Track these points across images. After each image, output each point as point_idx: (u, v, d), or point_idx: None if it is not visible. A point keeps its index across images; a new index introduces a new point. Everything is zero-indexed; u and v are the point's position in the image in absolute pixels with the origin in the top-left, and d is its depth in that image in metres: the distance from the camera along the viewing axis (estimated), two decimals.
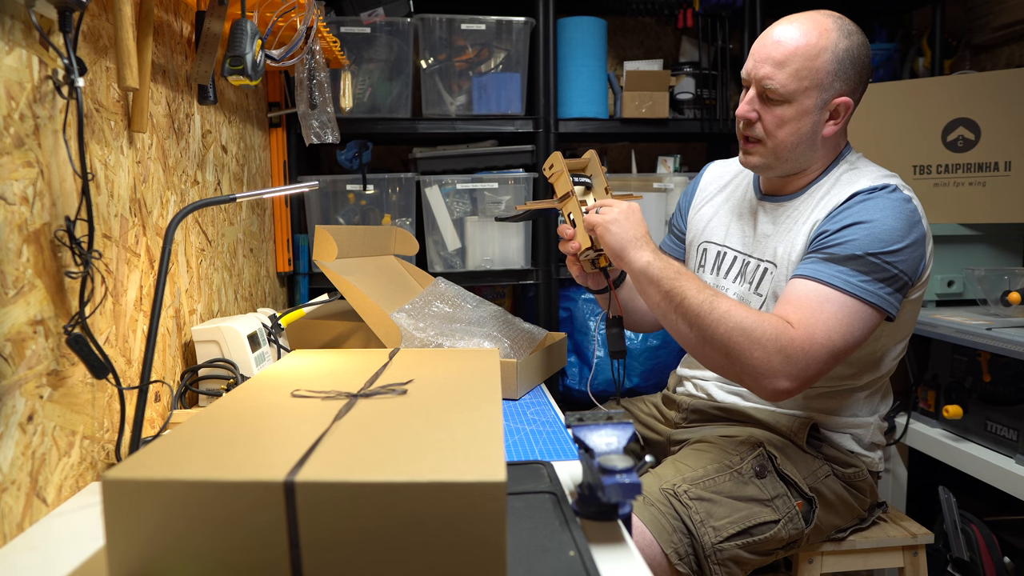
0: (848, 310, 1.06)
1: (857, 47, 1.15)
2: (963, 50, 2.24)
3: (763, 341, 1.04)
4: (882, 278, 1.07)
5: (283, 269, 1.87)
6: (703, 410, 1.34)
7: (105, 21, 0.94)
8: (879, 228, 1.08)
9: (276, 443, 0.60)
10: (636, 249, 1.14)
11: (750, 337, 1.04)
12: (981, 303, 1.70)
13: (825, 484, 1.22)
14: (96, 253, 0.85)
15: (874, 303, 1.07)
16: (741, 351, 1.04)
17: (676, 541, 1.07)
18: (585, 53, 2.02)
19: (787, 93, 1.14)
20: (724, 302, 1.07)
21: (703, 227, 1.39)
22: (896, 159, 1.82)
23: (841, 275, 1.07)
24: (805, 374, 1.05)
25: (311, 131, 1.54)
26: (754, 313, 1.06)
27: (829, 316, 1.05)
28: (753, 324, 1.04)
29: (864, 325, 1.07)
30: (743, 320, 1.05)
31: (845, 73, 1.14)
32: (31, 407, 0.76)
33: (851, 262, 1.07)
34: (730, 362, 1.07)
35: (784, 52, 1.13)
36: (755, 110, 1.18)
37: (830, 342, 1.05)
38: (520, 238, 2.02)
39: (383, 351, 1.01)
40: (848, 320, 1.06)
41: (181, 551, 0.52)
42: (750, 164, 1.23)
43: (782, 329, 1.04)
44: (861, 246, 1.08)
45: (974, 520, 1.51)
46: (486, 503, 0.51)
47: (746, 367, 1.05)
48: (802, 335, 1.04)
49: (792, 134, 1.16)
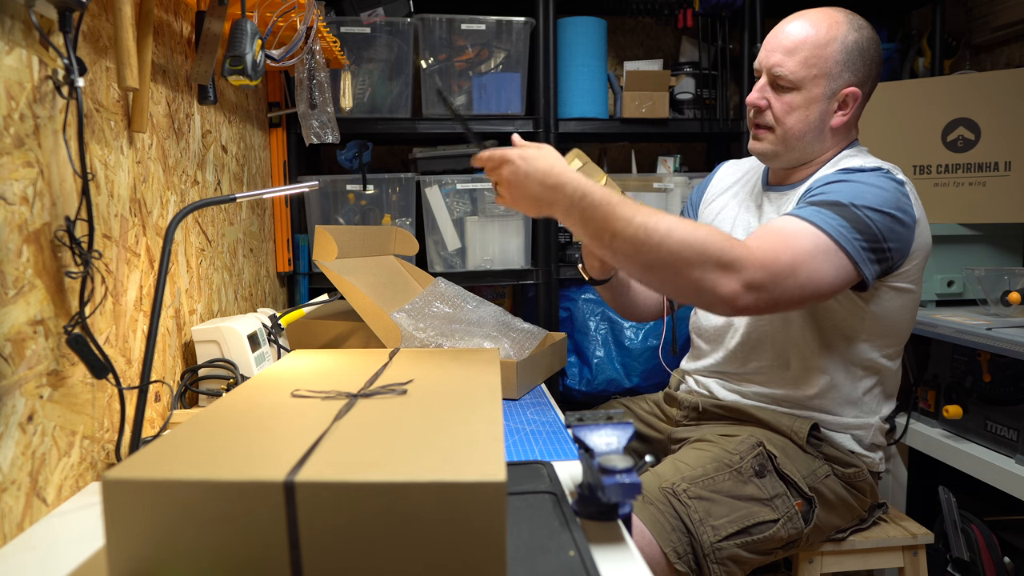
0: (821, 248, 1.01)
1: (867, 40, 1.18)
2: (963, 50, 2.24)
3: (710, 250, 0.96)
4: (860, 230, 1.04)
5: (283, 269, 1.87)
6: (704, 408, 1.34)
7: (105, 21, 0.94)
8: (864, 189, 1.08)
9: (276, 443, 0.60)
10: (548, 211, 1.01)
11: (695, 246, 0.96)
12: (981, 303, 1.69)
13: (825, 484, 1.22)
14: (96, 253, 0.85)
15: (848, 250, 1.03)
16: (684, 266, 0.96)
17: (675, 540, 1.07)
18: (585, 53, 2.02)
19: (796, 80, 1.17)
20: (664, 221, 0.97)
21: (712, 218, 1.42)
22: (896, 159, 1.79)
23: (820, 215, 1.04)
24: (766, 285, 0.98)
25: (311, 131, 1.54)
26: (702, 228, 0.98)
27: (799, 248, 1.00)
28: (700, 237, 0.96)
29: (834, 269, 1.02)
30: (687, 236, 0.96)
31: (854, 64, 1.17)
32: (31, 407, 0.76)
33: (833, 208, 1.05)
34: (678, 279, 0.98)
35: (794, 41, 1.17)
36: (765, 97, 1.21)
37: (793, 269, 0.99)
38: (520, 238, 2.02)
39: (383, 351, 1.02)
40: (818, 257, 1.01)
41: (181, 551, 0.52)
42: (757, 150, 1.25)
43: (732, 242, 0.98)
44: (844, 196, 1.06)
45: (974, 520, 1.51)
46: (486, 503, 0.51)
47: (691, 281, 0.97)
48: (757, 249, 0.99)
49: (800, 121, 1.19)
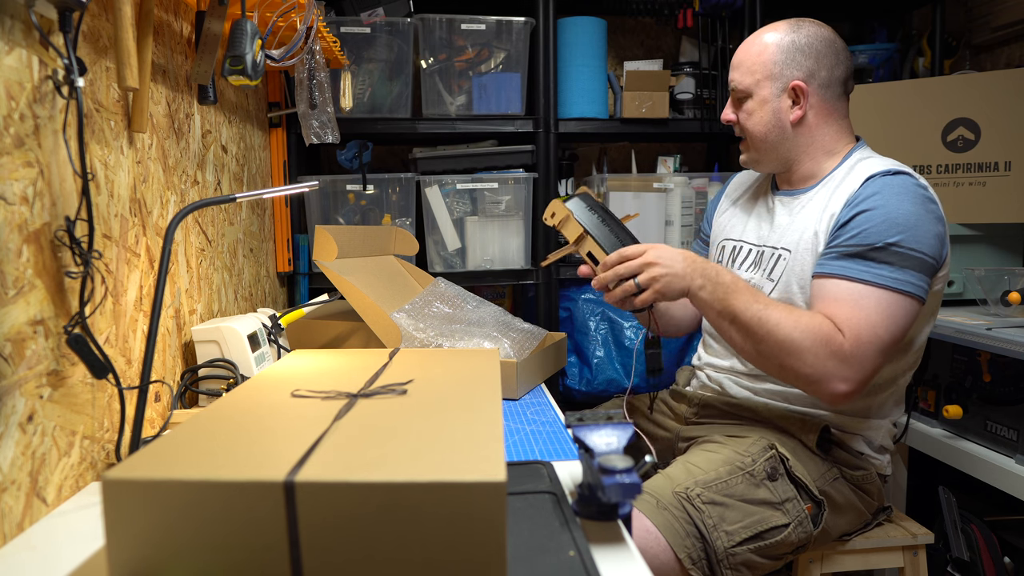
0: (885, 303, 1.09)
1: (806, 37, 1.24)
2: (963, 50, 2.24)
3: (814, 349, 1.08)
4: (908, 265, 1.10)
5: (283, 269, 1.87)
6: (714, 405, 1.35)
7: (105, 21, 0.94)
8: (895, 212, 1.11)
9: (276, 443, 0.60)
10: (687, 286, 1.16)
11: (800, 347, 1.08)
12: (981, 303, 1.69)
13: (834, 487, 1.22)
14: (96, 253, 0.85)
15: (907, 291, 1.10)
16: (793, 362, 1.09)
17: (689, 546, 1.07)
18: (585, 53, 2.02)
19: (745, 88, 1.28)
20: (773, 314, 1.10)
21: (724, 227, 1.45)
22: (896, 159, 1.80)
23: (870, 270, 1.10)
24: (859, 375, 1.08)
25: (311, 131, 1.54)
26: (803, 320, 1.09)
27: (869, 312, 1.09)
28: (802, 334, 1.08)
29: (904, 314, 1.10)
30: (792, 331, 1.09)
31: (794, 60, 1.24)
32: (31, 407, 0.76)
33: (876, 254, 1.10)
34: (785, 371, 1.12)
35: (739, 56, 1.30)
36: (733, 112, 1.33)
37: (877, 338, 1.08)
38: (520, 238, 2.02)
39: (383, 351, 1.01)
40: (888, 313, 1.09)
41: (181, 551, 0.52)
42: (742, 161, 1.36)
43: (830, 334, 1.08)
44: (881, 235, 1.10)
45: (974, 520, 1.51)
46: (486, 503, 0.51)
47: (800, 375, 1.10)
48: (849, 336, 1.08)
49: (758, 123, 1.28)
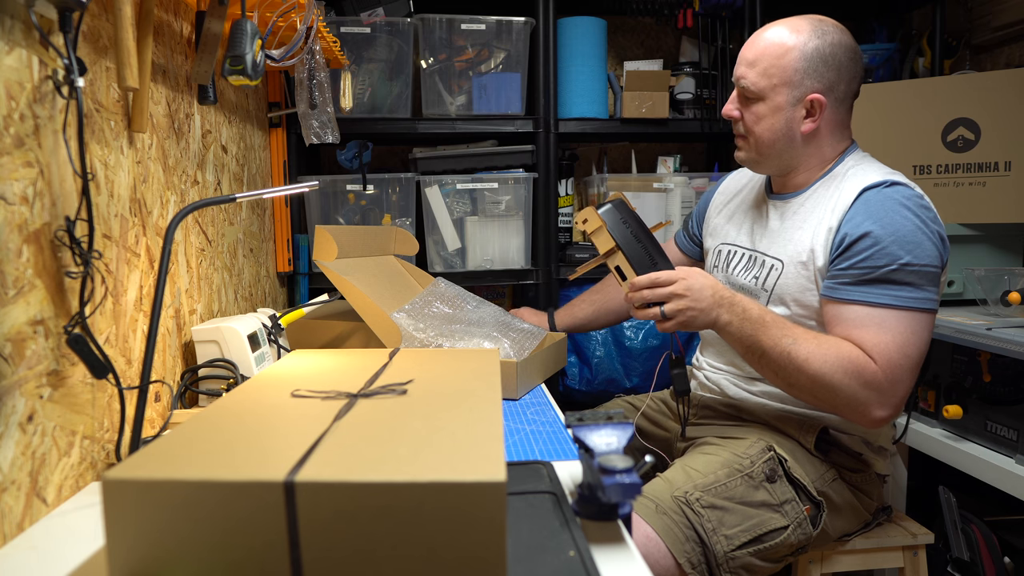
0: (908, 323, 1.11)
1: (829, 46, 1.17)
2: (963, 50, 2.24)
3: (846, 381, 1.09)
4: (923, 282, 1.11)
5: (283, 269, 1.87)
6: (713, 406, 1.34)
7: (105, 21, 0.94)
8: (901, 231, 1.10)
9: (276, 443, 0.60)
10: (713, 321, 1.15)
11: (832, 381, 1.09)
12: (981, 303, 1.69)
13: (832, 488, 1.22)
14: (96, 253, 0.85)
15: (926, 308, 1.12)
16: (827, 395, 1.11)
17: (689, 550, 1.07)
18: (585, 53, 2.02)
19: (758, 90, 1.20)
20: (802, 348, 1.10)
21: (718, 229, 1.44)
22: (896, 159, 1.81)
23: (889, 292, 1.11)
24: (895, 398, 1.10)
25: (311, 131, 1.54)
26: (831, 351, 1.09)
27: (896, 334, 1.10)
28: (832, 367, 1.09)
29: (927, 329, 1.12)
30: (823, 365, 1.09)
31: (816, 70, 1.17)
32: (31, 407, 0.76)
33: (892, 276, 1.11)
34: (821, 403, 1.14)
35: (755, 52, 1.20)
36: (737, 108, 1.25)
37: (907, 359, 1.10)
38: (520, 238, 2.02)
39: (383, 351, 1.01)
40: (912, 331, 1.11)
41: (181, 551, 0.52)
42: (739, 158, 1.30)
43: (862, 364, 1.09)
44: (892, 257, 1.10)
45: (974, 520, 1.51)
46: (486, 503, 0.51)
47: (836, 406, 1.12)
48: (881, 362, 1.09)
49: (768, 130, 1.21)
